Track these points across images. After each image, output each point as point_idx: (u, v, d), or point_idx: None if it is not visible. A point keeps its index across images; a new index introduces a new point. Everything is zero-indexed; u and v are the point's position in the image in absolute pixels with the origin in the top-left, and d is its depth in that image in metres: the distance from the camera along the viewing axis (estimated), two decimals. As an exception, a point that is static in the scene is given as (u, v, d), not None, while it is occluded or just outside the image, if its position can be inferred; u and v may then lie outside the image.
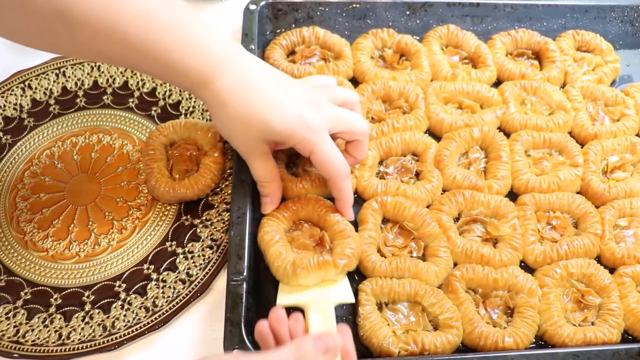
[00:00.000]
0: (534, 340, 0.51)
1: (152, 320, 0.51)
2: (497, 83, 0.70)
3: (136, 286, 0.53)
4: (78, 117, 0.65)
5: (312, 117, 0.49)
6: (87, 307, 0.52)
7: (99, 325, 0.51)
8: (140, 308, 0.52)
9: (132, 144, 0.63)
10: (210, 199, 0.59)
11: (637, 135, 0.66)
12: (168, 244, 0.56)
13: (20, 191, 0.59)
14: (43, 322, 0.51)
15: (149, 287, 0.53)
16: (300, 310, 0.46)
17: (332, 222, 0.50)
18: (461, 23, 0.73)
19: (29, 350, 0.49)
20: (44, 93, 0.66)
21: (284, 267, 0.48)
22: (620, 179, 0.62)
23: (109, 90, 0.66)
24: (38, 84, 0.66)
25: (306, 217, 0.52)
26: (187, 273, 0.54)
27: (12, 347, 0.50)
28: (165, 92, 0.66)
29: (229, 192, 0.58)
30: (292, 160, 0.61)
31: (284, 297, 0.47)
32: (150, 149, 0.59)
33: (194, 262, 0.55)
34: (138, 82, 0.67)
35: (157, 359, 0.50)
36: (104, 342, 0.50)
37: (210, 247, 0.55)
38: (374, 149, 0.61)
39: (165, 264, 0.55)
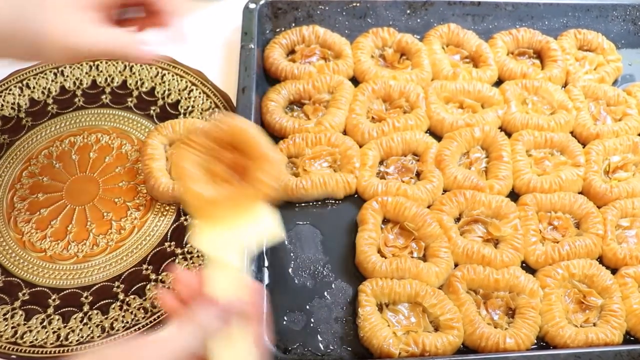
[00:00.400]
0: (535, 341, 0.51)
1: (151, 322, 0.51)
2: (499, 82, 0.69)
3: (135, 287, 0.53)
4: (76, 116, 0.64)
5: None
6: (86, 308, 0.52)
7: (97, 326, 0.50)
8: (139, 309, 0.51)
9: (131, 144, 0.62)
10: (209, 199, 0.58)
11: (639, 134, 0.65)
12: (167, 244, 0.56)
13: (18, 191, 0.59)
14: (41, 323, 0.51)
15: (147, 287, 0.53)
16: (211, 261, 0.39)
17: (250, 146, 0.42)
18: (462, 22, 0.73)
19: (27, 351, 0.49)
20: (42, 92, 0.66)
21: (198, 203, 0.40)
22: (622, 179, 0.62)
23: (108, 90, 0.66)
24: (36, 83, 0.66)
25: (229, 143, 0.44)
26: (186, 274, 0.54)
27: (10, 349, 0.49)
28: (164, 91, 0.66)
29: (229, 192, 0.58)
30: (292, 160, 0.61)
31: (199, 238, 0.40)
32: (149, 148, 0.59)
33: (193, 263, 0.54)
34: (137, 82, 0.67)
35: (156, 360, 0.50)
36: (102, 343, 0.49)
37: (210, 248, 0.55)
38: (374, 149, 0.61)
39: (165, 265, 0.54)
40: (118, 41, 0.44)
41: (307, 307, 0.52)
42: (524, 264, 0.56)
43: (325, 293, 0.53)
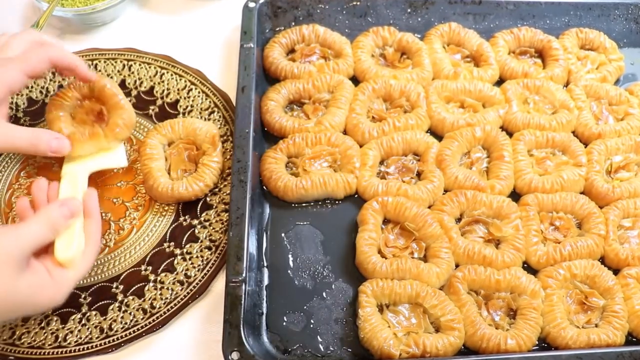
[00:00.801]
0: (536, 342, 0.51)
1: (149, 322, 0.50)
2: (500, 82, 0.69)
3: (134, 288, 0.52)
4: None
5: None
6: (84, 308, 0.51)
7: (96, 327, 0.50)
8: (137, 310, 0.51)
9: (130, 144, 0.62)
10: (208, 199, 0.58)
11: (641, 134, 0.65)
12: (166, 244, 0.55)
13: (16, 191, 0.58)
14: (39, 324, 0.50)
15: (146, 288, 0.52)
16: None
17: (108, 97, 0.55)
18: (463, 21, 0.72)
19: (25, 352, 0.49)
20: (40, 92, 0.65)
21: None
22: (624, 179, 0.61)
23: (107, 89, 0.66)
24: (34, 82, 0.65)
25: (89, 94, 0.56)
26: (186, 274, 0.53)
27: (8, 350, 0.49)
28: (164, 90, 0.66)
29: (228, 192, 0.57)
30: (291, 160, 0.60)
31: (65, 166, 0.53)
32: (148, 148, 0.58)
33: (192, 263, 0.54)
34: (135, 81, 0.66)
35: (154, 362, 0.50)
36: (101, 345, 0.49)
37: (209, 248, 0.55)
38: (374, 149, 0.60)
39: (163, 265, 0.54)
40: (25, 137, 0.50)
41: (307, 308, 0.52)
42: (525, 265, 0.56)
43: (325, 294, 0.53)
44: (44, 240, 0.44)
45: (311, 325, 0.51)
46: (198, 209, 0.57)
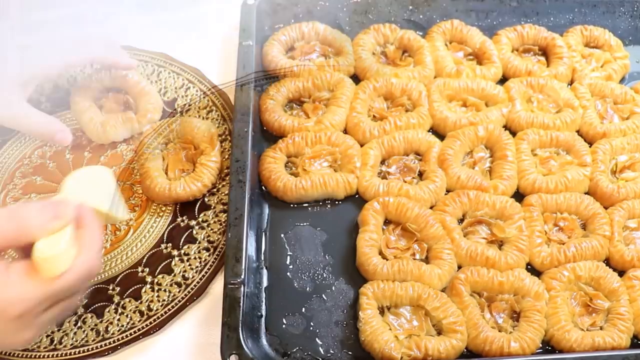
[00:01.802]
0: (540, 345, 0.50)
1: (146, 325, 0.50)
2: (503, 80, 0.68)
3: (130, 289, 0.52)
4: (70, 114, 0.63)
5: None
6: (80, 310, 0.51)
7: (92, 329, 0.49)
8: (134, 312, 0.50)
9: (127, 143, 0.61)
10: (206, 199, 0.57)
11: (646, 133, 0.64)
12: (163, 245, 0.55)
13: (10, 191, 0.58)
14: (34, 327, 0.50)
15: (143, 290, 0.52)
16: None
17: (131, 85, 0.58)
18: (466, 18, 0.71)
19: (19, 355, 0.48)
20: (35, 90, 0.64)
21: (96, 128, 0.58)
22: (629, 179, 0.60)
23: (103, 87, 0.65)
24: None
25: (110, 86, 0.60)
26: (183, 276, 0.52)
27: (2, 353, 0.48)
28: (161, 89, 0.65)
29: (226, 192, 0.57)
30: (291, 159, 0.60)
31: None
32: (146, 148, 0.58)
33: (190, 265, 0.53)
34: (133, 79, 0.65)
35: (151, 365, 0.49)
36: (97, 347, 0.49)
37: (207, 249, 0.54)
38: (375, 148, 0.59)
39: (161, 267, 0.53)
40: (41, 123, 0.52)
41: (307, 310, 0.51)
42: (529, 266, 0.55)
43: (325, 296, 0.52)
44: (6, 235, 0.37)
45: (311, 328, 0.50)
46: (196, 210, 0.57)
